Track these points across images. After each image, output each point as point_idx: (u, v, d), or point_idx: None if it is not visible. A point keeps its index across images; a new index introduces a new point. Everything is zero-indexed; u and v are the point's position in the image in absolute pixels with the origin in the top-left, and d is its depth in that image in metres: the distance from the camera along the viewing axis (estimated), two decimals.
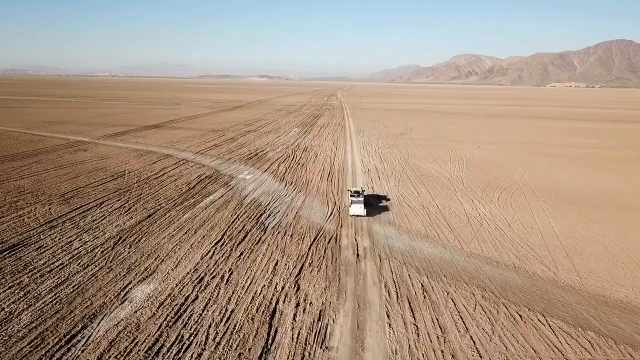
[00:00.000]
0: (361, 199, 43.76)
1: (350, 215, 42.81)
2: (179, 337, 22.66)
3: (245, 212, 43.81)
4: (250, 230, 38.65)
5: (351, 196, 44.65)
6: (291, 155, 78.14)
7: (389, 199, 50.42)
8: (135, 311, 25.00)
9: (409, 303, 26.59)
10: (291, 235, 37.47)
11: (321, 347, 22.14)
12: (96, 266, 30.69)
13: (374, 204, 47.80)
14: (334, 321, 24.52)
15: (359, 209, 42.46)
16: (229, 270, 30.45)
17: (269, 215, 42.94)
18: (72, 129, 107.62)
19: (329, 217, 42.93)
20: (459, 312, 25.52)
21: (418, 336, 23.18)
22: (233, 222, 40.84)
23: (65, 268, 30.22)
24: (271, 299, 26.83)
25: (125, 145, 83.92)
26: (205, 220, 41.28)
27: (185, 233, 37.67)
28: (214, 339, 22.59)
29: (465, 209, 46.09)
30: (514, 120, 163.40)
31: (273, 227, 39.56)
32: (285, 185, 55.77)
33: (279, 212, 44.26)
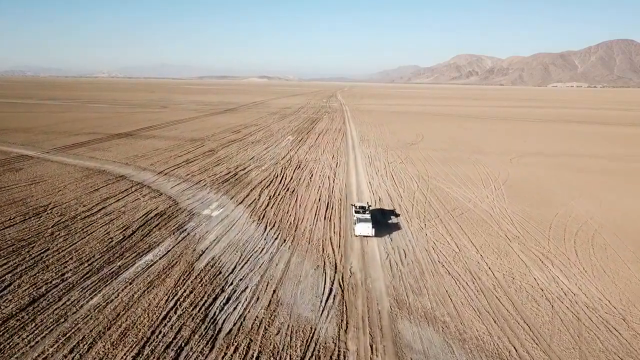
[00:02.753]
0: (368, 216, 38.37)
1: (356, 236, 37.09)
2: None
3: (191, 292, 27.39)
4: (188, 342, 22.24)
5: (356, 212, 39.53)
6: (280, 175, 61.74)
7: (398, 214, 44.01)
8: None
9: None
10: (257, 357, 21.08)
11: None
12: None
13: (383, 222, 41.31)
14: None
15: (366, 228, 36.75)
16: None
17: (227, 300, 26.51)
18: (24, 138, 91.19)
19: (326, 302, 26.54)
20: None
21: None
22: (165, 317, 24.43)
23: None
24: None
25: (75, 162, 67.52)
26: (121, 312, 24.87)
27: (71, 352, 21.26)
28: None
29: (538, 280, 29.69)
30: (531, 124, 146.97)
31: (230, 333, 23.13)
32: (265, 229, 39.35)
33: (246, 290, 27.83)
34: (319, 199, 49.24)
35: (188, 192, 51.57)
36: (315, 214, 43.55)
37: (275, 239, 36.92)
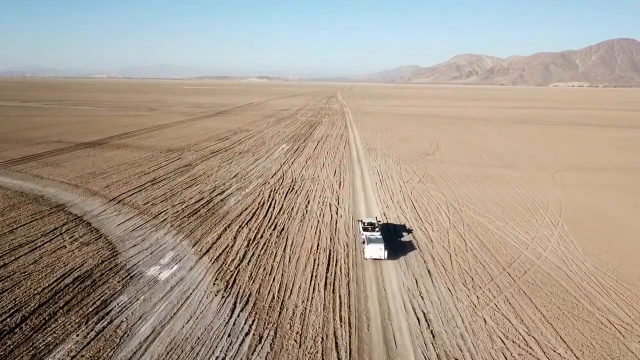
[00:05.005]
0: (379, 235, 33.58)
1: (365, 259, 32.02)
2: None
3: None
4: None
5: (364, 229, 34.61)
6: (267, 202, 47.89)
7: (410, 230, 38.95)
8: None
9: None
10: None
11: None
12: None
13: (394, 240, 36.10)
14: None
15: (377, 250, 31.60)
16: None
17: None
18: None
19: None
20: None
21: None
22: None
23: None
24: None
25: (11, 184, 53.72)
26: None
27: None
28: None
29: None
30: (553, 128, 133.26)
31: None
32: (233, 310, 25.47)
33: None
34: (317, 245, 35.35)
35: (138, 232, 37.70)
36: (312, 278, 29.63)
37: (246, 333, 23.04)
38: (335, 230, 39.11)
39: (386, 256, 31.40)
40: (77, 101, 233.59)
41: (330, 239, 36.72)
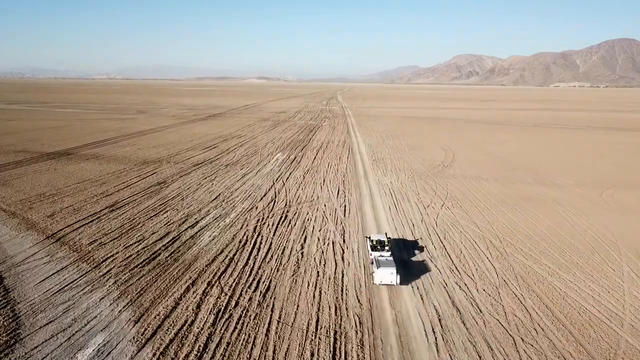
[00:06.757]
0: (390, 256, 30.26)
1: (374, 283, 28.25)
2: None
3: None
4: None
5: (373, 249, 31.43)
6: (250, 241, 36.86)
7: (422, 248, 34.35)
8: None
9: None
10: None
11: None
12: None
13: (405, 260, 32.09)
14: None
15: (388, 274, 27.94)
16: None
17: None
18: None
19: None
20: None
21: None
22: None
23: None
24: None
25: None
26: None
27: None
28: None
29: None
30: (572, 132, 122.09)
31: None
32: None
33: None
34: (317, 323, 24.30)
35: (65, 296, 26.71)
36: None
37: None
38: (342, 290, 28.09)
39: (398, 281, 28.04)
40: (65, 103, 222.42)
41: (335, 310, 25.69)
